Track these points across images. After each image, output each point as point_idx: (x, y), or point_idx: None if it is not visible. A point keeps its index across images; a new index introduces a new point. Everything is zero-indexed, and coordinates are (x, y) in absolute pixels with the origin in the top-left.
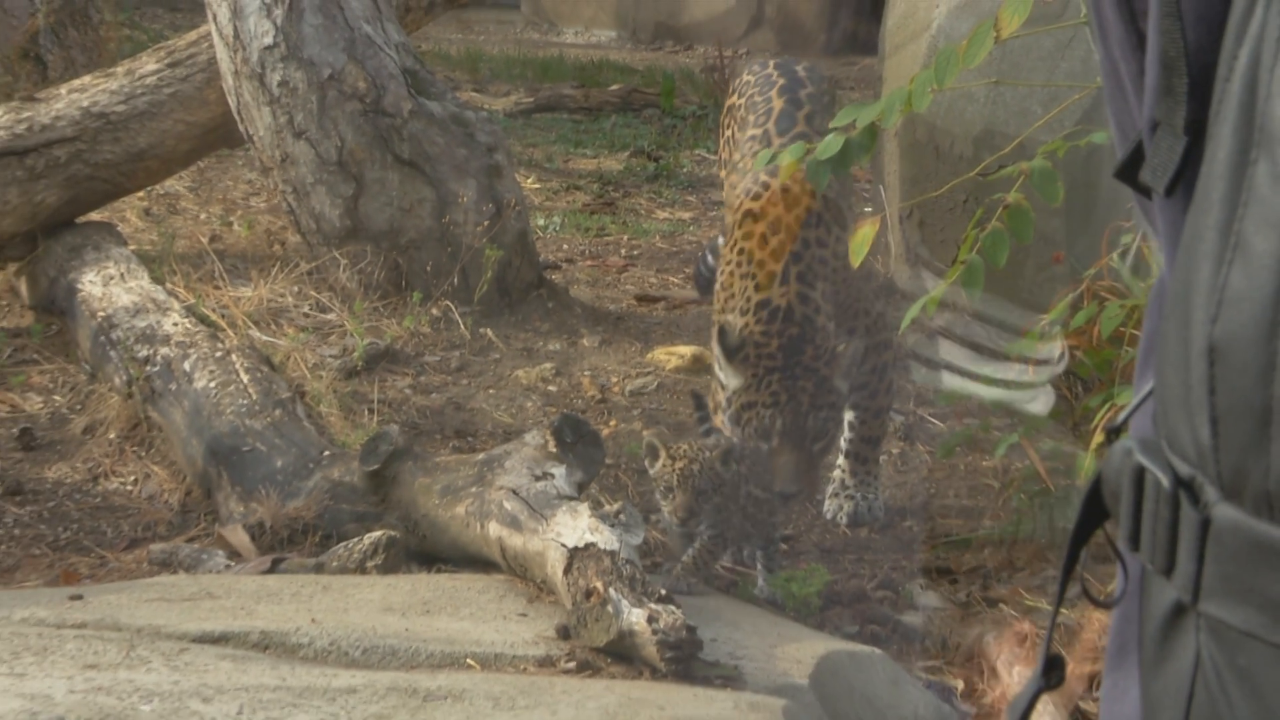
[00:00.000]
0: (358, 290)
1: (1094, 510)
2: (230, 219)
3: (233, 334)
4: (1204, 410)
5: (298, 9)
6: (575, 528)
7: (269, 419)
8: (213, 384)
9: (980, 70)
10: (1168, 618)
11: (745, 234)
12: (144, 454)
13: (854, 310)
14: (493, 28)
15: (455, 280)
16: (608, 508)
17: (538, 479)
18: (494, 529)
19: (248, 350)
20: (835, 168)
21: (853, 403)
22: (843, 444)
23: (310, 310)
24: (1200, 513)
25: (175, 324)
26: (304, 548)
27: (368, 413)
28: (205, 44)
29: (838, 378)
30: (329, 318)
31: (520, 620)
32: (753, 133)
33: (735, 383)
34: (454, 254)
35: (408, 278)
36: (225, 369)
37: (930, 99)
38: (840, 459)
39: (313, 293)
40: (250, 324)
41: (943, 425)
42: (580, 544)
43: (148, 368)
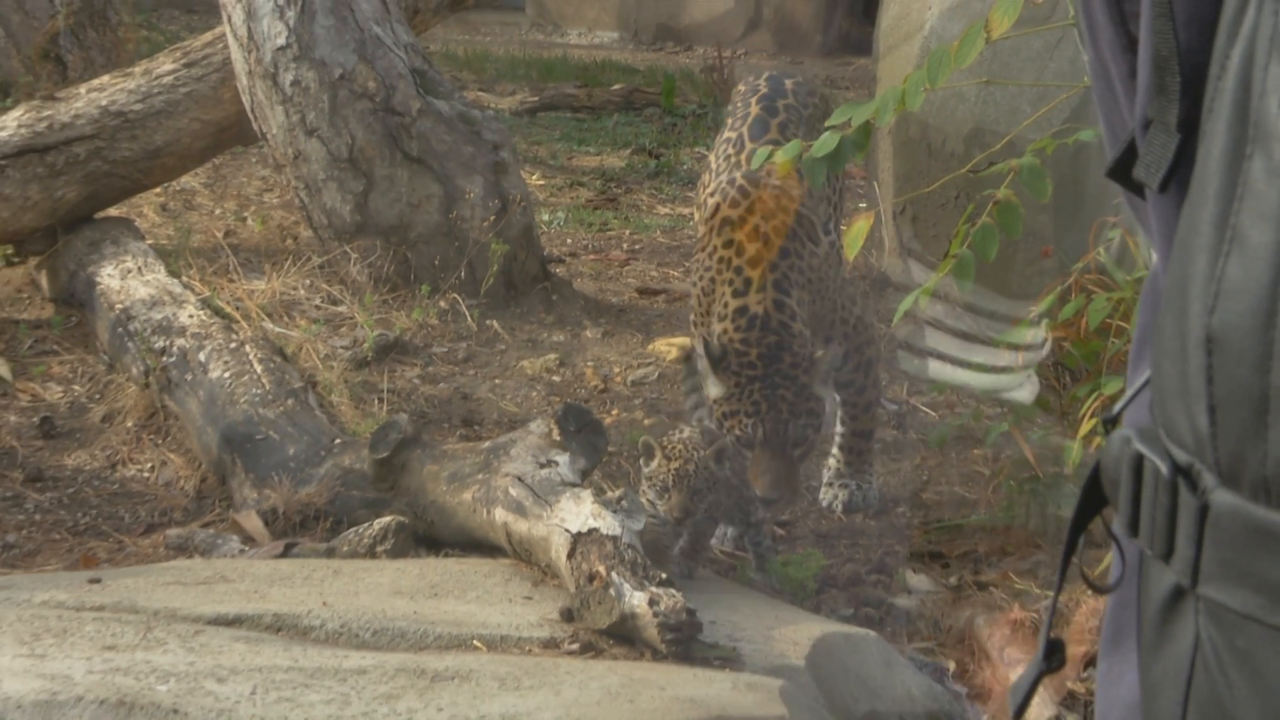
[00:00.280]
0: (368, 283)
1: (1093, 498)
2: (244, 214)
3: (246, 326)
4: (1202, 399)
5: (310, 11)
6: (578, 513)
7: (282, 408)
8: (227, 374)
9: (971, 70)
10: (1167, 602)
11: (725, 242)
12: (161, 442)
13: (832, 319)
14: (498, 29)
15: (462, 274)
16: (610, 494)
17: (542, 466)
18: (500, 515)
19: (261, 341)
20: (831, 165)
21: (842, 400)
22: (836, 437)
23: (322, 303)
24: (1199, 499)
25: (191, 316)
26: (316, 533)
27: (377, 402)
28: (220, 45)
29: (817, 384)
30: (340, 310)
31: (525, 603)
32: (728, 135)
33: (717, 391)
34: (461, 248)
35: (416, 271)
36: (239, 360)
37: (923, 98)
38: (834, 450)
39: (324, 286)
40: (264, 316)
41: (935, 414)
42: (583, 529)
43: (164, 358)
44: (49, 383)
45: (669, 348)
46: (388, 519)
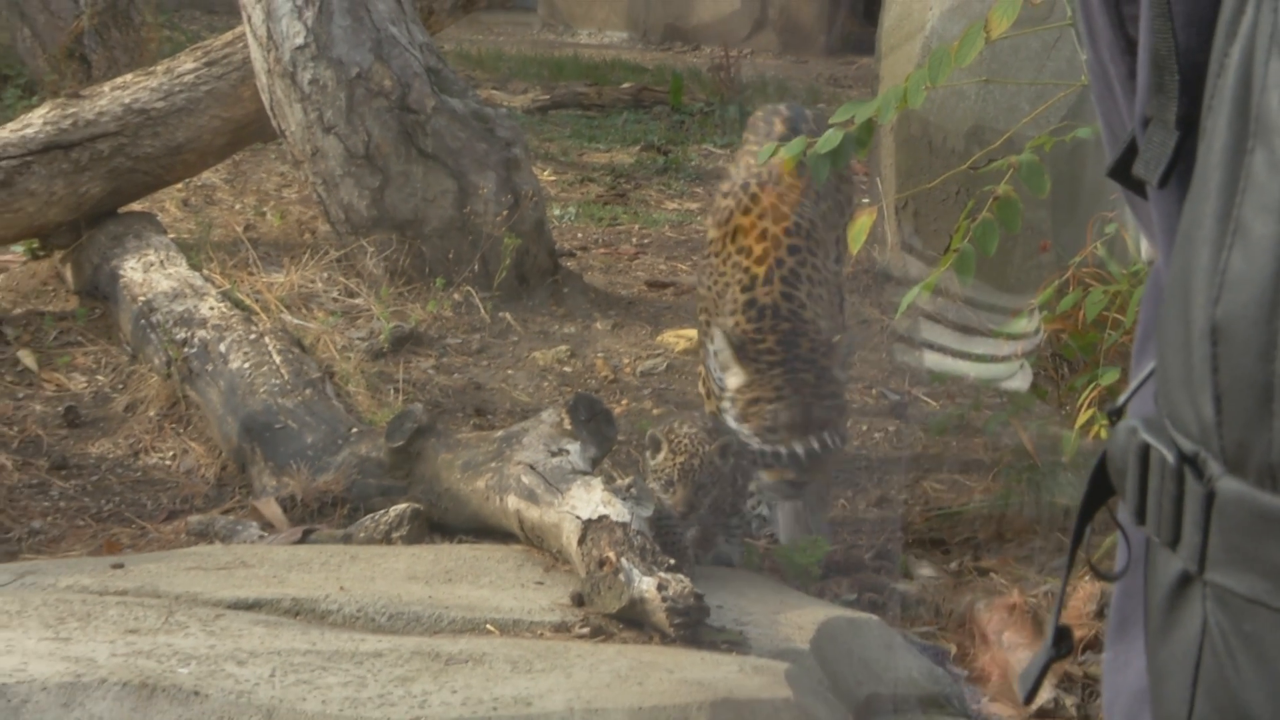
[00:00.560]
0: (384, 276)
1: (1099, 487)
2: (264, 209)
3: (266, 318)
4: (1207, 388)
5: (327, 11)
6: (589, 501)
7: (300, 398)
8: (247, 365)
9: (971, 69)
10: (1174, 588)
11: (739, 248)
12: (182, 431)
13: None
14: (510, 29)
15: (476, 267)
16: (620, 482)
17: (554, 455)
18: (512, 502)
19: (280, 333)
20: (834, 161)
21: None
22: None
23: (339, 295)
24: (1205, 486)
25: (211, 308)
26: (333, 519)
27: (393, 392)
28: (240, 44)
29: (836, 368)
30: (357, 302)
31: (537, 588)
32: (751, 148)
33: (737, 381)
34: (474, 242)
35: (431, 265)
36: (259, 350)
37: (924, 96)
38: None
39: (341, 279)
40: (282, 308)
41: (935, 404)
42: (594, 516)
43: (185, 349)
44: (73, 373)
45: (677, 339)
46: (403, 506)
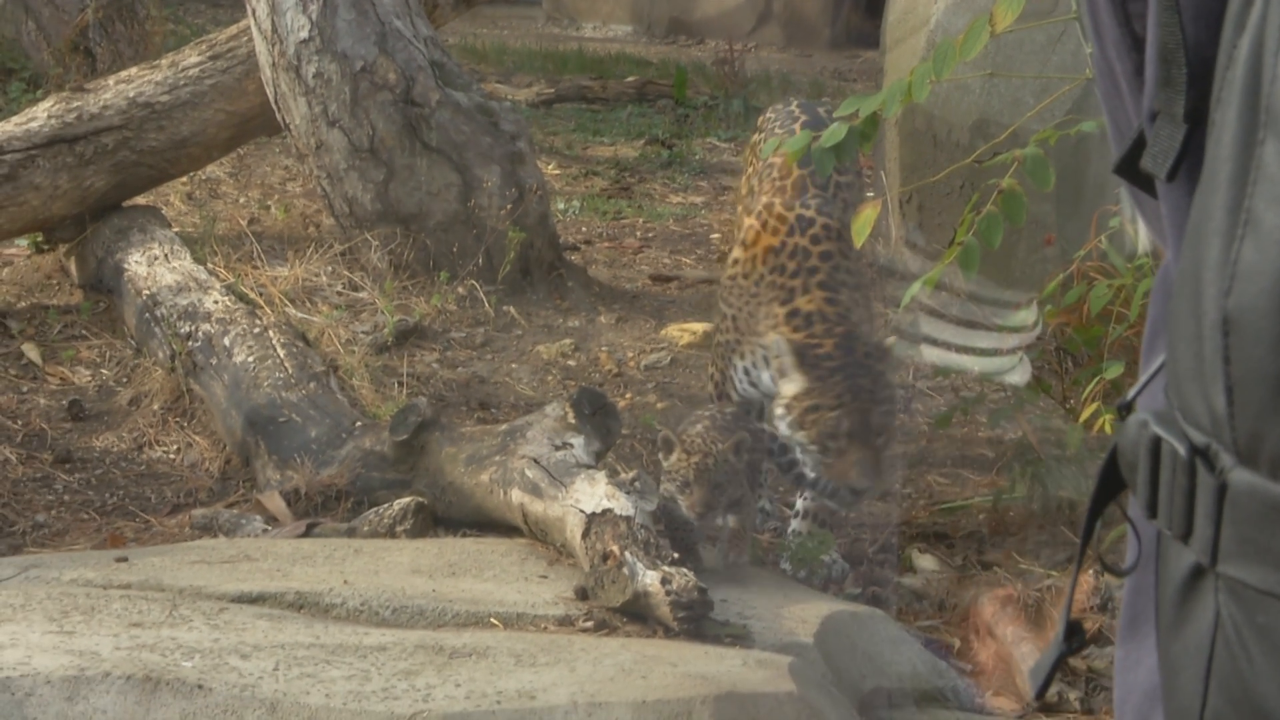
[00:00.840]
0: (388, 270)
1: (1110, 482)
2: (268, 203)
3: (270, 311)
4: (1219, 380)
5: (331, 4)
6: (593, 494)
7: (304, 391)
8: (251, 358)
9: (976, 63)
10: (1186, 581)
11: (771, 268)
12: (186, 424)
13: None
14: (515, 23)
15: (480, 261)
16: (623, 475)
17: (558, 448)
18: (516, 496)
19: (284, 327)
20: (839, 155)
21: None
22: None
23: (343, 289)
24: (1217, 478)
25: (216, 302)
26: (337, 513)
27: (397, 386)
28: (245, 38)
29: (889, 372)
30: (361, 296)
31: (541, 582)
32: (772, 160)
33: (793, 388)
34: (479, 236)
35: (435, 258)
36: (263, 344)
37: (929, 90)
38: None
39: (345, 272)
40: (286, 302)
41: (939, 398)
42: (598, 510)
43: (190, 343)
44: (78, 367)
45: (681, 333)
46: (407, 500)
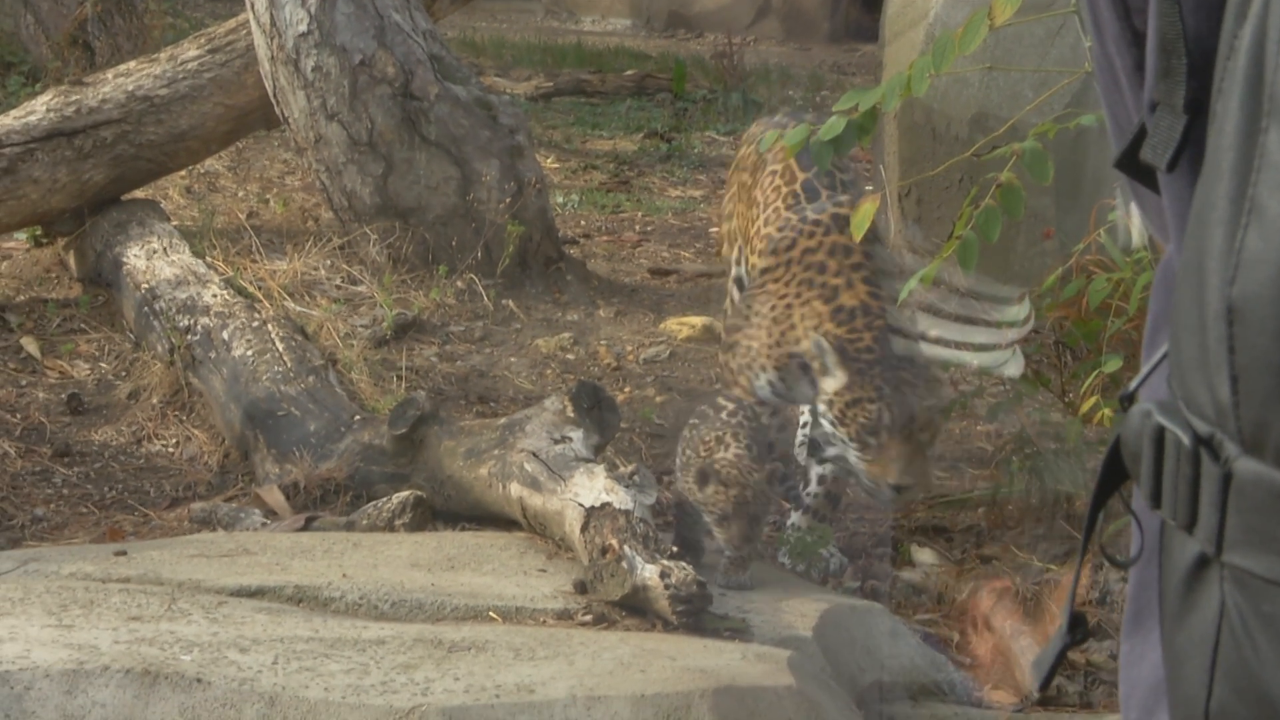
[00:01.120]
0: (387, 264)
1: (1113, 473)
2: (267, 196)
3: (269, 305)
4: (1223, 369)
5: None
6: (592, 488)
7: (303, 385)
8: (250, 352)
9: (975, 56)
10: (1190, 571)
11: (806, 267)
12: (185, 418)
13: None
14: (514, 16)
15: (479, 254)
16: (622, 469)
17: (557, 442)
18: (515, 489)
19: (283, 320)
20: (838, 148)
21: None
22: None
23: (342, 283)
24: (1222, 468)
25: (215, 295)
26: (336, 507)
27: (396, 379)
28: (244, 31)
29: (933, 366)
30: (360, 290)
31: (540, 576)
32: (772, 168)
33: (835, 384)
34: (478, 230)
35: (434, 252)
36: (262, 338)
37: (928, 83)
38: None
39: (344, 266)
40: (285, 296)
41: None
42: (597, 503)
43: (189, 337)
44: (76, 360)
45: (680, 326)
46: (406, 493)
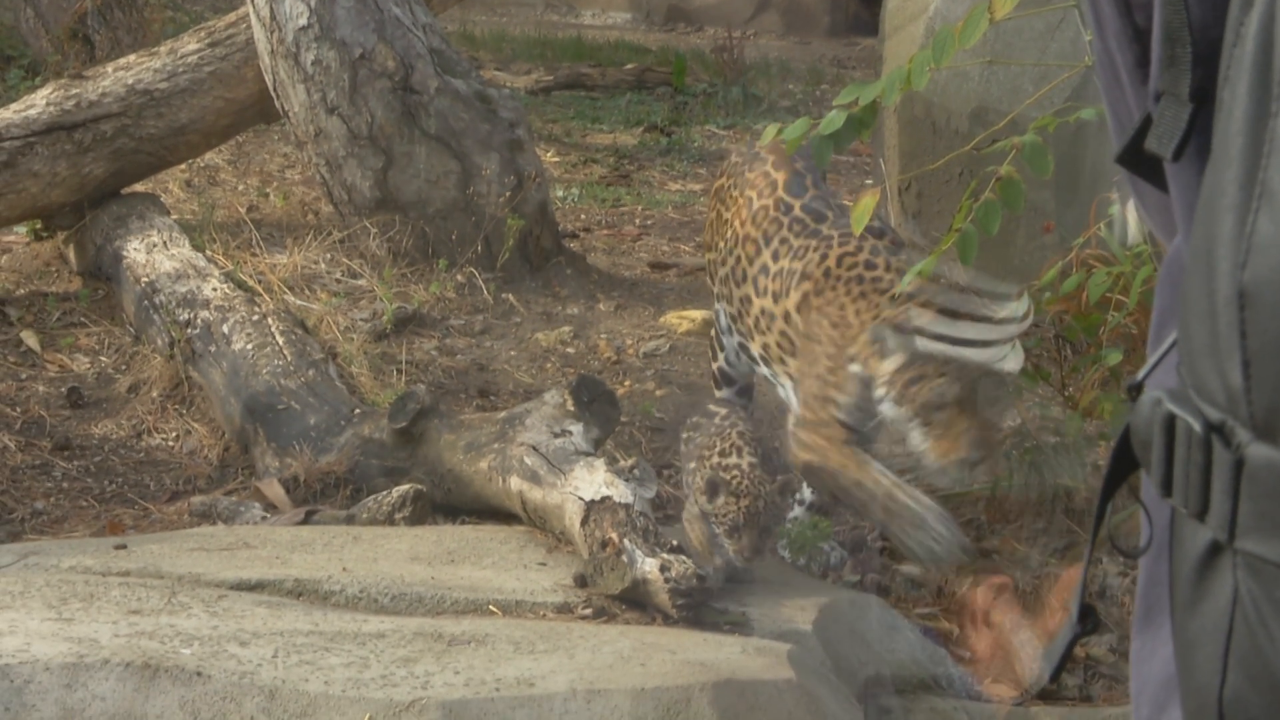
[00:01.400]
0: (387, 257)
1: (1123, 462)
2: (267, 190)
3: (269, 299)
4: (1235, 355)
5: None
6: (592, 482)
7: (303, 379)
8: (250, 346)
9: (975, 50)
10: (1202, 559)
11: (850, 266)
12: (185, 412)
13: None
14: (514, 10)
15: (479, 248)
16: (622, 463)
17: (556, 436)
18: (515, 483)
19: (283, 314)
20: (839, 142)
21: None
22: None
23: (342, 276)
24: (1234, 454)
25: (215, 289)
26: (336, 501)
27: (396, 373)
28: (244, 25)
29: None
30: (360, 283)
31: (540, 569)
32: (761, 204)
33: (892, 364)
34: (478, 223)
35: (434, 246)
36: (262, 332)
37: (928, 78)
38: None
39: (344, 260)
40: (285, 289)
41: None
42: (596, 497)
43: (189, 330)
44: (76, 354)
45: (680, 320)
46: (406, 487)
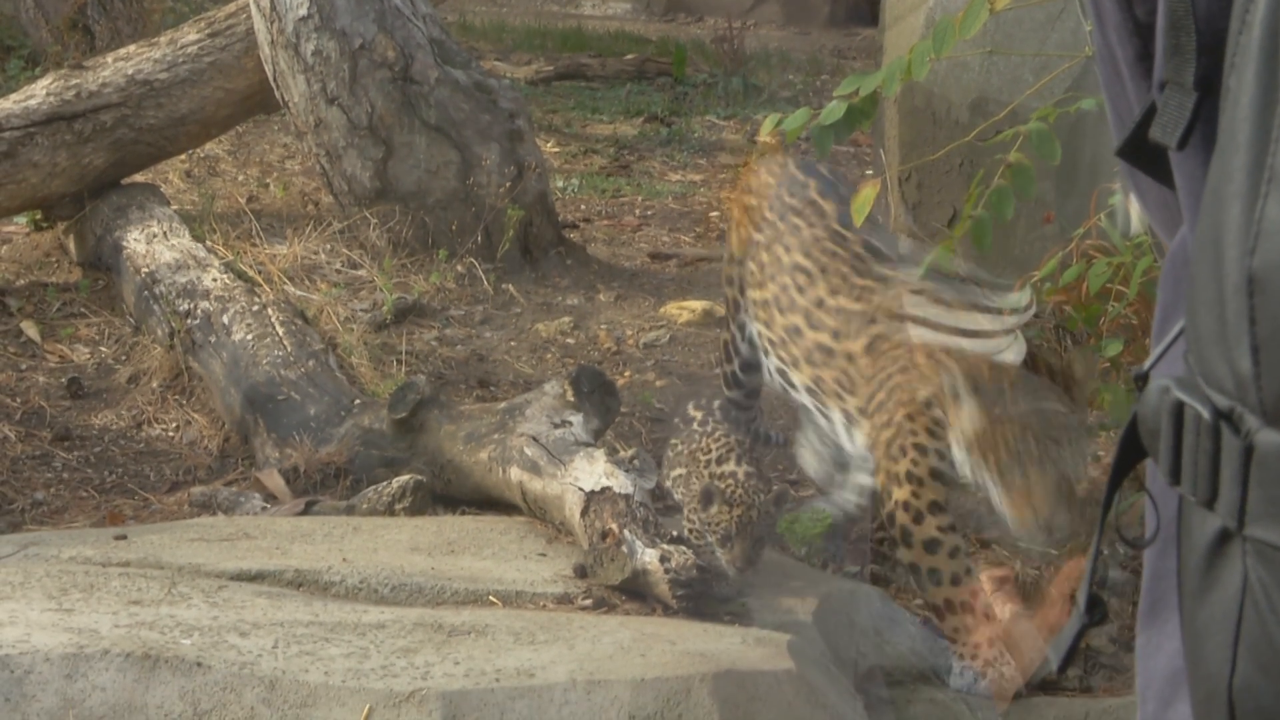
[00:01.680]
0: (387, 248)
1: (1130, 451)
2: (267, 180)
3: (269, 289)
4: (1244, 341)
5: None
6: (592, 472)
7: (303, 369)
8: (250, 336)
9: (975, 40)
10: (1211, 547)
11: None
12: (185, 402)
13: None
14: (514, 0)
15: (479, 239)
16: (622, 454)
17: (556, 426)
18: (515, 473)
19: (283, 304)
20: (839, 133)
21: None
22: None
23: (342, 267)
24: (1243, 441)
25: (215, 280)
26: (336, 491)
27: (396, 364)
28: (243, 15)
29: (1080, 388)
30: (360, 274)
31: (540, 560)
32: (815, 234)
33: (967, 415)
34: (478, 214)
35: (434, 236)
36: (262, 322)
37: (928, 68)
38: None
39: (344, 250)
40: (285, 280)
41: None
42: (596, 488)
43: (189, 321)
44: (76, 344)
45: (680, 311)
46: (406, 478)
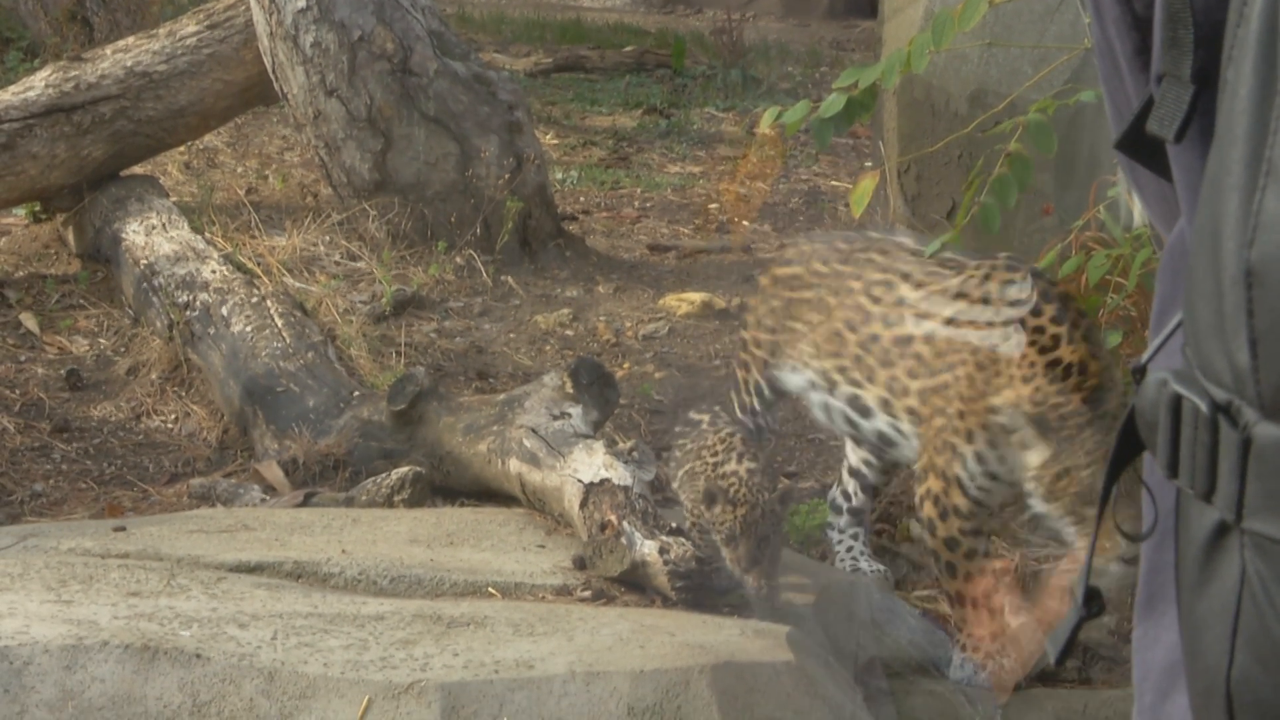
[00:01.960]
0: (386, 240)
1: (1128, 444)
2: (266, 172)
3: (268, 281)
4: (1242, 334)
5: None
6: (591, 464)
7: (302, 361)
8: (249, 328)
9: (974, 32)
10: (1209, 540)
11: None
12: (184, 394)
13: None
14: None
15: (478, 230)
16: (621, 445)
17: (556, 418)
18: (514, 465)
19: (282, 296)
20: (838, 125)
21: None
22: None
23: (341, 259)
24: (1241, 433)
25: (214, 271)
26: (335, 483)
27: (395, 355)
28: (242, 7)
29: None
30: (359, 266)
31: (539, 551)
32: (872, 276)
33: (1038, 457)
34: (477, 206)
35: (433, 228)
36: (261, 314)
37: (928, 60)
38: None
39: (343, 242)
40: (284, 271)
41: None
42: (595, 479)
43: (188, 312)
44: (75, 336)
45: (679, 303)
46: (405, 469)
